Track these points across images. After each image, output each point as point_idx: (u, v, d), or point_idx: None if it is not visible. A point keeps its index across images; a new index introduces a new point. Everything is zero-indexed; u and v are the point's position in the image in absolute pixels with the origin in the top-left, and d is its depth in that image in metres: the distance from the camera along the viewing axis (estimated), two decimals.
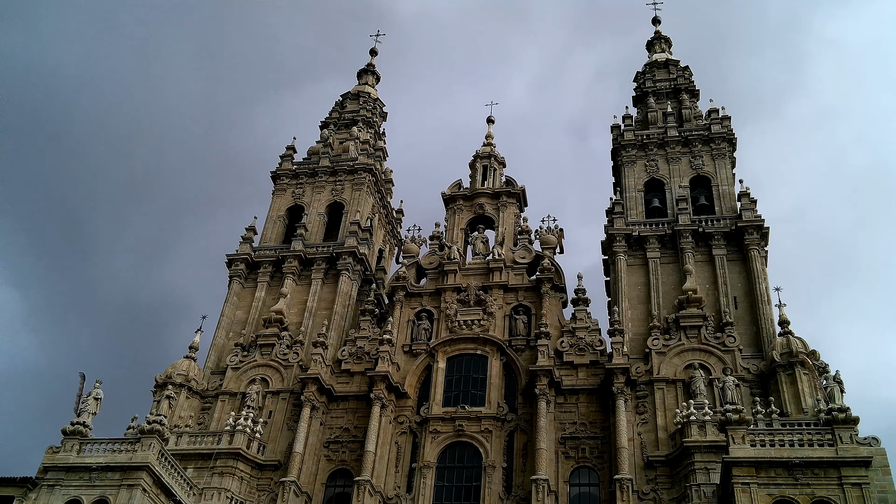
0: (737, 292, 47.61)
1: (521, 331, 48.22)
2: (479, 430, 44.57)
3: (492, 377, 46.62)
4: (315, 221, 57.74)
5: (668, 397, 43.17)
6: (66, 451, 38.23)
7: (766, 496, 31.61)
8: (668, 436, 41.50)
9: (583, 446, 42.96)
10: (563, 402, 44.58)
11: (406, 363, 48.33)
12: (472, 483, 43.19)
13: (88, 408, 40.06)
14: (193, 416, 47.52)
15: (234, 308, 53.50)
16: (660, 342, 45.13)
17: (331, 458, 45.49)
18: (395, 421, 46.07)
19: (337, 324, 51.28)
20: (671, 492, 39.76)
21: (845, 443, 32.23)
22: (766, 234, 49.20)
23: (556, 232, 52.81)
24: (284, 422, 46.47)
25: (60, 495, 36.94)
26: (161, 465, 38.52)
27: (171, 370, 48.29)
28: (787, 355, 42.05)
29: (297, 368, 48.47)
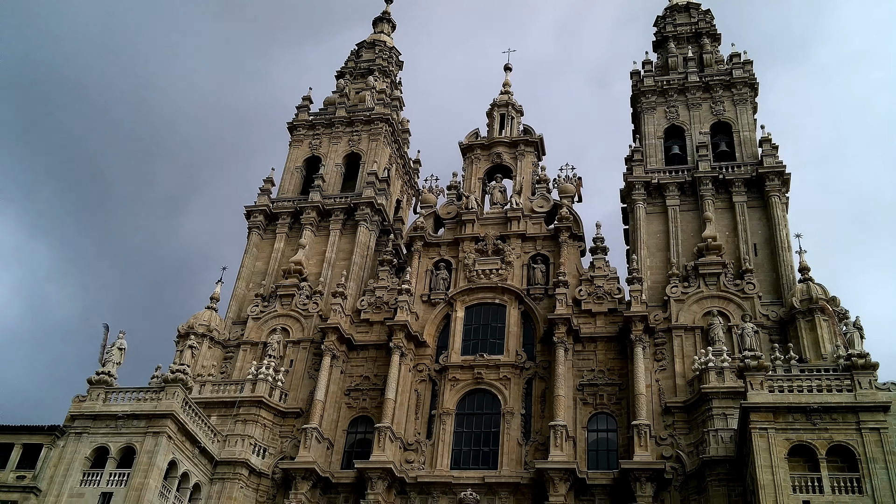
0: (757, 239, 47.26)
1: (540, 280, 48.24)
2: (498, 377, 44.93)
3: (510, 326, 46.83)
4: (332, 172, 57.69)
5: (686, 344, 43.22)
6: (93, 400, 39.09)
7: (783, 441, 31.77)
8: (686, 382, 41.66)
9: (601, 393, 43.24)
10: (582, 350, 44.78)
11: (425, 313, 48.60)
12: (491, 429, 43.68)
13: (113, 358, 40.81)
14: (216, 365, 48.22)
15: (254, 259, 53.89)
16: (678, 290, 45.04)
17: (351, 405, 46.15)
18: (415, 369, 46.52)
19: (355, 274, 51.55)
20: (688, 437, 40.05)
21: (864, 388, 32.25)
22: (787, 181, 48.61)
23: (574, 180, 52.45)
24: (305, 370, 47.09)
25: (88, 443, 37.88)
26: (185, 412, 39.30)
27: (192, 321, 48.90)
28: (807, 302, 41.84)
29: (316, 318, 48.91)
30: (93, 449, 37.71)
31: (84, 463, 37.33)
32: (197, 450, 40.26)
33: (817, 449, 31.34)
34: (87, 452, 37.53)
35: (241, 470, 41.91)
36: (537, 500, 39.99)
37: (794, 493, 30.55)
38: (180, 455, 38.88)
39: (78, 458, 37.33)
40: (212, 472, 41.64)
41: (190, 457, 39.75)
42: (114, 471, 36.99)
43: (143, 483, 36.10)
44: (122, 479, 36.55)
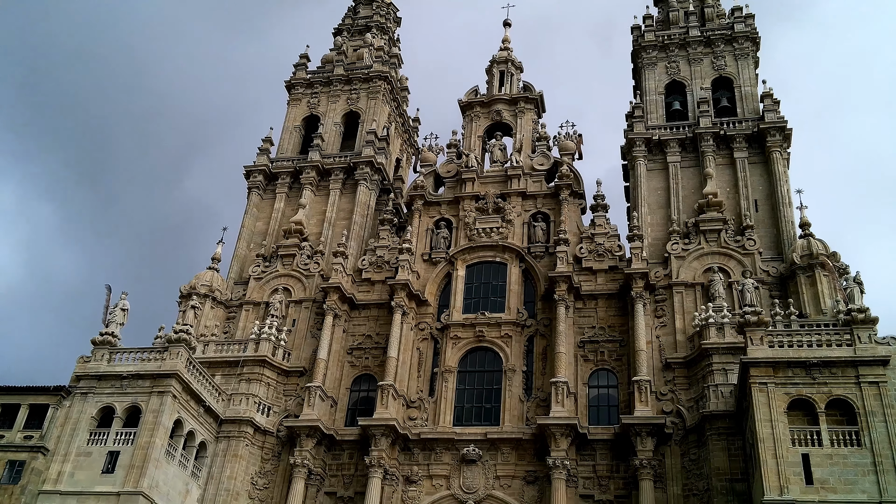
0: (758, 195, 47.20)
1: (540, 238, 48.25)
2: (499, 335, 45.20)
3: (511, 284, 46.96)
4: (331, 131, 57.37)
5: (686, 301, 43.40)
6: (97, 361, 39.37)
7: (782, 395, 32.09)
8: (687, 338, 41.93)
9: (601, 349, 43.53)
10: (582, 307, 44.97)
11: (426, 271, 48.71)
12: (493, 386, 44.07)
13: (116, 319, 41.01)
14: (219, 325, 48.49)
15: (254, 219, 53.85)
16: (679, 246, 45.10)
17: (354, 364, 46.49)
18: (417, 328, 46.76)
19: (356, 233, 51.57)
20: (688, 392, 40.44)
21: (864, 342, 32.49)
22: (788, 136, 48.39)
23: (574, 138, 52.16)
24: (308, 330, 47.34)
25: (94, 402, 38.25)
26: (189, 372, 39.63)
27: (194, 281, 49.03)
28: (808, 257, 41.92)
29: (318, 278, 49.05)
30: (98, 409, 38.09)
31: (90, 422, 37.73)
32: (202, 409, 40.66)
33: (816, 403, 31.67)
34: (93, 412, 37.93)
35: (246, 428, 42.38)
36: (539, 455, 40.50)
37: (793, 446, 30.94)
38: (185, 414, 39.28)
39: (84, 418, 37.73)
40: (217, 430, 42.11)
41: (195, 416, 40.16)
42: (120, 430, 37.42)
43: (149, 442, 36.56)
44: (129, 438, 37.00)
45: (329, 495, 42.54)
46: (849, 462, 30.41)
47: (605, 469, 40.00)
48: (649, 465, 38.24)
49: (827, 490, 29.98)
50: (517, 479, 40.89)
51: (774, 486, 30.29)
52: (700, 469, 37.95)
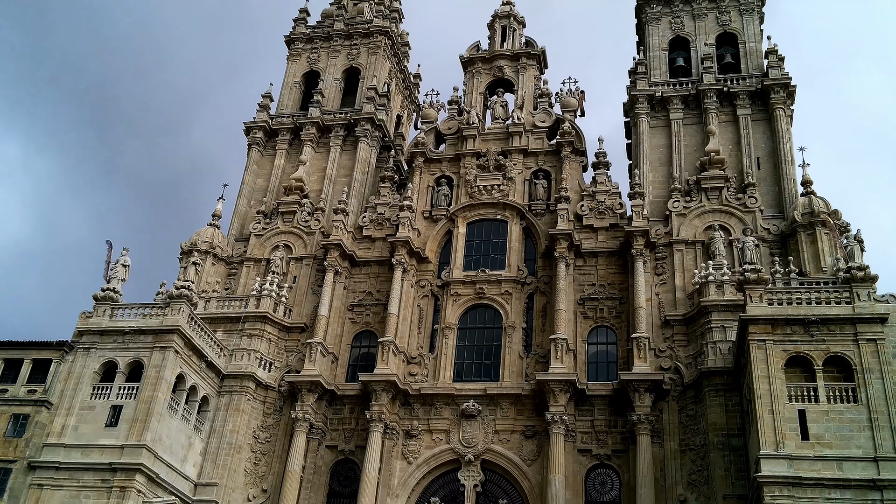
0: (760, 153, 46.95)
1: (541, 195, 48.13)
2: (500, 292, 45.33)
3: (511, 241, 46.97)
4: (331, 87, 56.90)
5: (686, 258, 43.44)
6: (99, 316, 39.61)
7: (780, 352, 32.30)
8: (686, 296, 42.05)
9: (601, 307, 43.70)
10: (583, 265, 45.03)
11: (426, 229, 48.70)
12: (493, 343, 44.35)
13: (117, 274, 41.15)
14: (220, 281, 48.66)
15: (255, 176, 53.71)
16: (680, 204, 44.99)
17: (355, 320, 46.72)
18: (417, 285, 46.90)
19: (357, 191, 51.45)
20: (687, 349, 40.68)
21: (863, 300, 32.60)
22: (792, 93, 47.96)
23: (577, 94, 51.74)
24: (309, 286, 47.49)
25: (96, 357, 38.57)
26: (191, 328, 39.87)
27: (195, 237, 49.06)
28: (809, 215, 41.82)
29: (318, 235, 49.06)
30: (101, 363, 38.41)
31: (93, 377, 38.09)
32: (204, 364, 40.99)
33: (814, 360, 31.89)
34: (95, 367, 38.26)
35: (248, 383, 42.77)
36: (538, 411, 40.90)
37: (790, 402, 31.23)
38: (188, 369, 39.60)
39: (87, 373, 38.07)
40: (219, 385, 42.49)
41: (197, 370, 40.50)
42: (123, 384, 37.79)
43: (152, 396, 36.94)
44: (132, 393, 37.37)
45: (330, 449, 43.09)
46: (845, 418, 30.72)
47: (603, 424, 40.43)
48: (647, 421, 38.63)
49: (822, 445, 30.33)
50: (516, 433, 41.36)
51: (770, 442, 30.64)
52: (697, 424, 38.34)
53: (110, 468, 35.34)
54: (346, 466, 42.83)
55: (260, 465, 42.21)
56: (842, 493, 29.24)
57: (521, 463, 40.65)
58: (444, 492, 41.36)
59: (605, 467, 40.03)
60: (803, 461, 30.00)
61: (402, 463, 41.89)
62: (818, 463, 29.92)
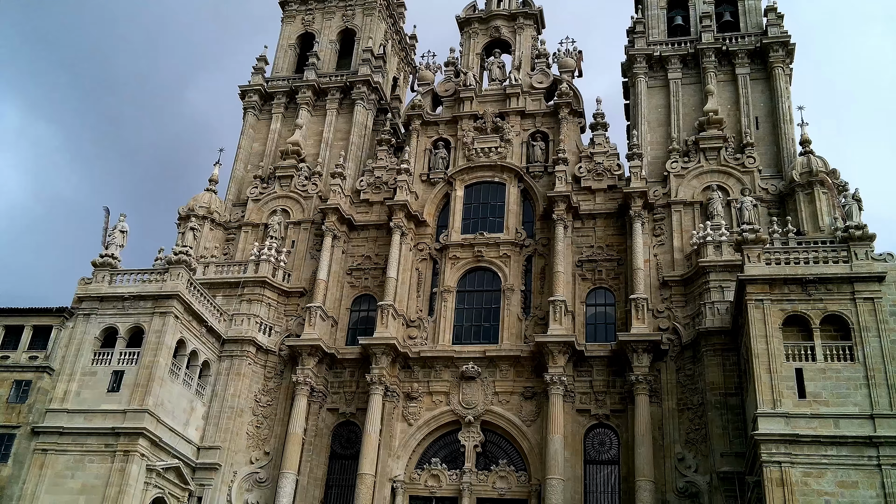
0: (759, 112, 46.68)
1: (539, 157, 47.95)
2: (498, 255, 45.37)
3: (509, 204, 46.90)
4: (327, 50, 56.34)
5: (685, 219, 43.42)
6: (98, 282, 39.66)
7: (778, 312, 32.41)
8: (684, 257, 42.10)
9: (599, 268, 43.77)
10: (581, 227, 45.01)
11: (424, 192, 48.58)
12: (492, 305, 44.50)
13: (115, 240, 41.12)
14: (218, 247, 48.63)
15: (251, 140, 53.42)
16: (678, 165, 44.86)
17: (354, 284, 46.82)
18: (416, 248, 46.91)
19: (354, 154, 51.21)
20: (685, 310, 40.83)
21: (860, 259, 32.62)
22: (791, 52, 47.55)
23: (574, 55, 51.26)
24: (307, 251, 47.50)
25: (96, 323, 38.70)
26: (191, 293, 39.96)
27: (192, 203, 48.94)
28: (807, 174, 41.72)
29: (316, 199, 48.94)
30: (101, 329, 38.55)
31: (94, 343, 38.25)
32: (204, 329, 41.14)
33: (811, 319, 32.01)
34: (96, 333, 38.40)
35: (249, 347, 42.97)
36: (537, 372, 41.18)
37: (788, 360, 31.40)
38: (188, 334, 39.76)
39: (88, 339, 38.22)
40: (220, 350, 42.70)
41: (198, 335, 40.66)
42: (124, 350, 37.97)
43: (153, 361, 37.13)
44: (133, 358, 37.56)
45: (331, 411, 43.45)
46: (842, 376, 30.93)
47: (602, 385, 40.74)
48: (645, 381, 38.92)
49: (819, 403, 30.58)
50: (515, 394, 41.69)
51: (768, 400, 30.88)
52: (695, 384, 38.66)
53: (113, 433, 35.65)
54: (348, 429, 43.24)
55: (262, 428, 42.58)
56: (838, 450, 29.53)
57: (521, 423, 41.03)
58: (445, 452, 41.82)
59: (603, 427, 40.42)
60: (800, 419, 30.26)
61: (403, 424, 42.27)
62: (815, 420, 30.19)
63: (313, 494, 41.26)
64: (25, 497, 34.87)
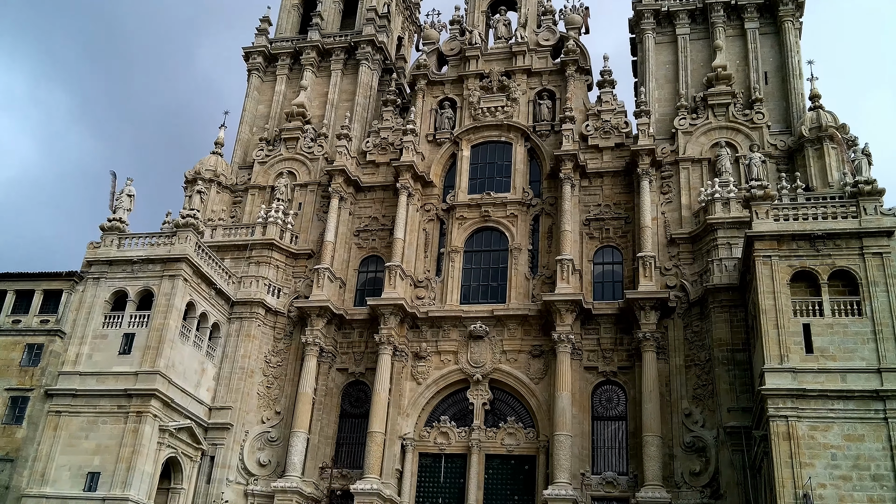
0: (768, 67, 46.13)
1: (546, 116, 47.62)
2: (505, 215, 45.30)
3: (516, 163, 46.69)
4: (331, 9, 55.77)
5: (693, 176, 43.18)
6: (107, 246, 39.83)
7: (786, 267, 32.33)
8: (692, 214, 41.95)
9: (607, 227, 43.68)
10: (588, 186, 44.83)
11: (430, 152, 48.38)
12: (499, 265, 44.56)
13: (123, 204, 41.21)
14: (225, 210, 48.71)
15: (256, 103, 53.18)
16: (686, 122, 44.48)
17: (361, 245, 46.89)
18: (422, 209, 46.86)
19: (359, 115, 50.95)
20: (693, 267, 40.80)
21: (869, 214, 32.42)
22: (801, 5, 46.87)
23: (581, 11, 50.61)
24: (314, 213, 47.53)
25: (106, 287, 38.94)
26: (199, 256, 40.09)
27: (199, 166, 48.92)
28: (816, 129, 41.35)
29: (322, 161, 48.82)
30: (112, 293, 38.81)
31: (104, 306, 38.54)
32: (213, 291, 41.36)
33: (819, 274, 31.92)
34: (106, 296, 38.67)
35: (258, 309, 43.22)
36: (544, 331, 41.34)
37: (795, 316, 31.40)
38: (197, 296, 39.99)
39: (98, 302, 38.51)
40: (229, 311, 42.96)
41: (207, 298, 40.90)
42: (134, 313, 38.26)
43: (163, 323, 37.41)
44: (143, 321, 37.85)
45: (341, 371, 43.81)
46: (849, 331, 30.93)
47: (609, 342, 40.89)
48: (652, 338, 39.04)
49: (826, 358, 30.63)
50: (523, 353, 41.91)
51: (775, 355, 30.95)
52: (702, 341, 38.77)
53: (126, 394, 36.07)
54: (357, 388, 43.64)
55: (272, 388, 43.00)
56: (845, 404, 29.65)
57: (529, 381, 41.30)
58: (454, 410, 42.21)
59: (611, 384, 40.68)
60: (807, 374, 30.35)
61: (412, 383, 42.62)
62: (822, 375, 30.27)
63: (324, 452, 41.79)
64: (41, 458, 35.46)
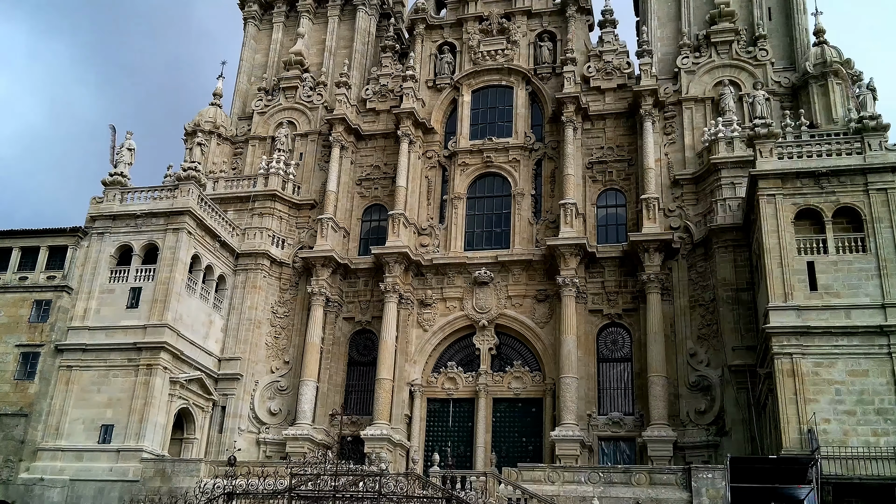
0: (771, 3, 45.33)
1: (547, 58, 47.01)
2: (507, 160, 45.06)
3: (518, 107, 46.26)
4: None
5: (696, 116, 42.79)
6: (110, 201, 39.85)
7: (790, 206, 32.26)
8: (696, 154, 41.68)
9: (610, 170, 43.46)
10: (591, 128, 44.48)
11: (431, 98, 47.92)
12: (503, 211, 44.47)
13: (123, 158, 41.10)
14: (226, 161, 48.51)
15: (253, 52, 52.56)
16: (689, 61, 43.90)
17: (364, 194, 46.79)
18: (424, 156, 46.61)
19: (358, 62, 50.36)
20: (696, 208, 40.71)
21: (874, 150, 32.24)
22: None
23: None
24: (315, 163, 47.33)
25: (111, 242, 39.06)
26: (202, 208, 40.09)
27: (198, 118, 48.57)
28: (821, 65, 40.79)
29: (322, 110, 48.43)
30: (116, 247, 38.94)
31: (110, 261, 38.71)
32: (217, 244, 41.45)
33: (824, 212, 31.86)
34: (111, 251, 38.81)
35: (263, 260, 43.37)
36: (549, 275, 41.45)
37: (799, 254, 31.45)
38: (202, 249, 40.09)
39: (103, 257, 38.66)
40: (234, 263, 43.12)
41: (211, 250, 41.01)
42: (140, 267, 38.44)
43: (169, 277, 37.60)
44: (149, 275, 38.05)
45: (347, 320, 44.11)
46: (853, 268, 31.00)
47: (614, 285, 41.02)
48: (657, 280, 39.14)
49: (831, 295, 30.75)
50: (528, 297, 42.10)
51: (779, 294, 31.08)
52: (706, 281, 38.88)
53: (135, 348, 36.44)
54: (364, 336, 43.98)
55: (280, 338, 43.37)
56: (849, 340, 29.87)
57: (534, 325, 41.57)
58: (461, 356, 42.59)
59: (616, 326, 40.92)
60: (811, 311, 30.51)
61: (418, 331, 42.93)
62: (826, 312, 30.42)
63: (334, 400, 42.30)
64: (54, 412, 36.00)
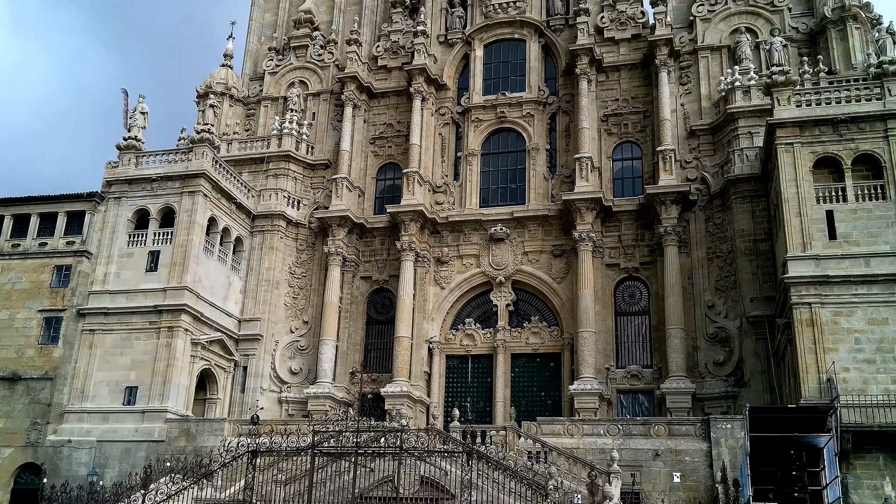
0: None
1: (560, 10, 46.30)
2: (521, 115, 44.68)
3: (531, 61, 45.72)
4: None
5: (712, 65, 42.13)
6: (125, 165, 39.97)
7: (809, 154, 31.81)
8: (712, 104, 41.15)
9: (625, 122, 43.01)
10: (605, 80, 43.93)
11: (443, 54, 47.44)
12: (517, 167, 44.24)
13: (137, 122, 41.10)
14: (239, 123, 48.41)
15: (262, 11, 52.12)
16: (705, 8, 43.09)
17: (378, 153, 46.64)
18: (437, 113, 46.29)
19: (368, 18, 49.82)
20: (713, 158, 40.33)
21: (894, 95, 31.57)
22: None
23: None
24: (328, 122, 47.15)
25: (128, 206, 39.28)
26: (217, 171, 40.16)
27: (209, 80, 48.38)
28: (839, 10, 39.89)
29: (333, 69, 48.09)
30: (133, 211, 39.16)
31: (128, 225, 38.97)
32: (234, 206, 41.58)
33: (843, 159, 31.38)
34: (128, 215, 39.03)
35: (279, 221, 43.51)
36: (565, 230, 41.35)
37: (818, 203, 31.07)
38: (218, 211, 40.23)
39: (121, 221, 38.93)
40: (251, 225, 43.28)
41: (228, 212, 41.15)
42: (157, 230, 38.68)
43: (187, 240, 37.83)
44: (167, 238, 38.28)
45: (365, 279, 44.31)
46: (873, 215, 30.61)
47: (631, 238, 40.88)
48: (674, 232, 38.95)
49: (850, 244, 30.45)
50: (545, 253, 42.08)
51: (798, 243, 30.82)
52: (724, 232, 38.66)
53: (156, 310, 36.83)
54: (382, 295, 44.20)
55: (299, 298, 43.68)
56: (868, 289, 29.63)
57: (551, 281, 41.60)
58: (478, 313, 42.77)
59: (633, 279, 40.88)
60: (830, 260, 30.25)
61: (436, 288, 43.08)
62: (845, 261, 30.16)
63: (353, 358, 42.70)
64: (79, 375, 36.58)
